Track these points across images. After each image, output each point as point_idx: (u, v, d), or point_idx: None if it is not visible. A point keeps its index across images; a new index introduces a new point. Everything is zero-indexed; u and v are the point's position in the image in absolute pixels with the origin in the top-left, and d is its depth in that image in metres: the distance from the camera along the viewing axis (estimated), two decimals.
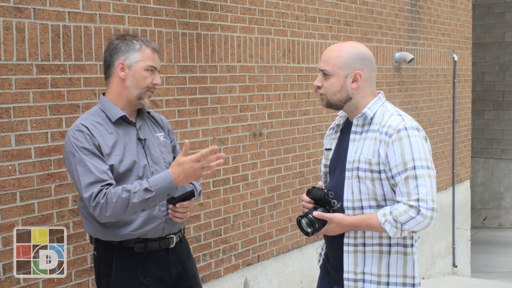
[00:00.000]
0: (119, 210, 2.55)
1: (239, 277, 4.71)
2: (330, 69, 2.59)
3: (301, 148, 5.30)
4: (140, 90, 2.75)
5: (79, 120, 2.73)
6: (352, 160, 2.59)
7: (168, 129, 3.02)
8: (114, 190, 2.55)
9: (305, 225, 2.60)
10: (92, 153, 2.61)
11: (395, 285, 2.60)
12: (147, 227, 2.73)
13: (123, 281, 2.72)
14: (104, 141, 2.66)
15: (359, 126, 2.62)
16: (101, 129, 2.69)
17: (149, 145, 2.82)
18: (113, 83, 2.78)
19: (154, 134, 2.89)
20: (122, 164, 2.68)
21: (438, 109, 7.74)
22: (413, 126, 2.54)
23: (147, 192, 2.54)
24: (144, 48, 2.74)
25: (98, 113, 2.76)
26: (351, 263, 2.62)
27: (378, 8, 6.33)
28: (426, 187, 2.46)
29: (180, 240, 2.91)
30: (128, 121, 2.78)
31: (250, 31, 4.69)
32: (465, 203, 8.64)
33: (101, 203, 2.55)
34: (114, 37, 2.81)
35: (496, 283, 7.82)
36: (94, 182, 2.57)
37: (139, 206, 2.55)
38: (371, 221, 2.53)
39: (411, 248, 2.62)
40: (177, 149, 3.05)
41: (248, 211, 4.76)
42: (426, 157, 2.51)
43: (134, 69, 2.73)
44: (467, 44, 8.51)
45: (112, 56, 2.76)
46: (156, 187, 2.55)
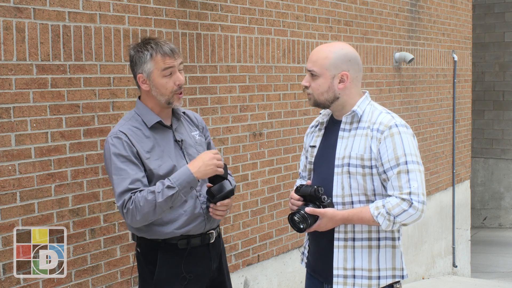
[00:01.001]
0: (148, 212, 2.63)
1: (239, 277, 4.71)
2: (317, 70, 2.66)
3: (301, 148, 5.30)
4: (165, 97, 2.79)
5: (117, 127, 2.79)
6: (341, 157, 2.64)
7: (203, 127, 3.09)
8: (141, 194, 2.63)
9: (298, 221, 2.63)
10: (128, 160, 2.68)
11: (385, 278, 2.66)
12: (190, 225, 2.80)
13: (167, 276, 2.79)
14: (142, 147, 2.73)
15: (348, 123, 2.69)
16: (138, 134, 2.76)
17: (186, 146, 2.88)
18: (143, 93, 2.85)
19: (190, 133, 2.96)
20: (161, 167, 2.74)
21: (438, 109, 7.74)
22: (402, 124, 2.63)
23: (170, 189, 2.62)
24: (154, 55, 2.74)
25: (135, 117, 2.82)
26: (341, 258, 2.65)
27: (378, 8, 6.33)
28: (417, 181, 2.54)
29: (219, 235, 3.00)
30: (164, 125, 2.84)
31: (250, 31, 4.69)
32: (465, 203, 8.64)
33: (130, 209, 2.63)
34: (131, 48, 2.84)
35: (496, 283, 7.82)
36: (125, 190, 2.65)
37: (165, 204, 2.63)
38: (363, 215, 2.58)
39: (398, 241, 2.70)
40: (212, 145, 3.12)
41: (248, 211, 4.76)
42: (416, 153, 2.60)
43: (152, 79, 2.76)
44: (467, 44, 8.51)
45: (134, 70, 2.82)
46: (178, 182, 2.63)
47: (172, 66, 2.77)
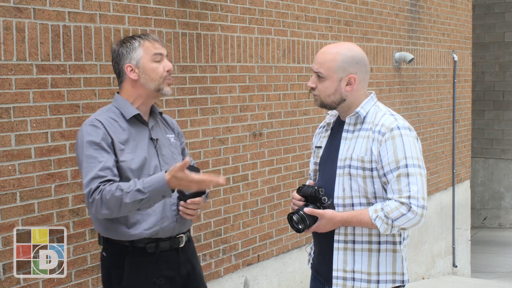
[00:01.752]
0: (113, 208, 2.54)
1: (239, 277, 4.71)
2: (324, 72, 2.62)
3: (301, 148, 5.30)
4: (156, 83, 2.75)
5: (94, 115, 2.74)
6: (343, 158, 2.62)
7: (178, 132, 3.03)
8: (110, 187, 2.53)
9: (296, 222, 2.62)
10: (101, 147, 2.61)
11: (385, 282, 2.62)
12: (158, 226, 2.73)
13: (136, 281, 2.72)
14: (117, 137, 2.68)
15: (351, 124, 2.66)
16: (114, 125, 2.71)
17: (160, 145, 2.83)
18: (127, 86, 2.78)
19: (165, 135, 2.91)
20: (133, 161, 2.69)
21: (438, 109, 7.74)
22: (405, 126, 2.59)
23: (140, 193, 2.52)
24: (142, 42, 2.74)
25: (112, 109, 2.77)
26: (341, 260, 2.64)
27: (378, 8, 6.33)
28: (418, 185, 2.50)
29: (189, 240, 2.93)
30: (141, 120, 2.79)
31: (250, 31, 4.69)
32: (465, 203, 8.64)
33: (96, 200, 2.54)
34: (114, 45, 2.81)
35: (496, 283, 7.82)
36: (93, 178, 2.56)
37: (132, 206, 2.54)
38: (362, 217, 2.55)
39: (400, 245, 2.65)
40: (186, 152, 3.06)
41: (248, 211, 4.76)
42: (418, 156, 2.55)
43: (142, 65, 2.73)
44: (467, 44, 8.51)
45: (118, 64, 2.77)
46: (149, 189, 2.52)
47: (162, 52, 2.76)
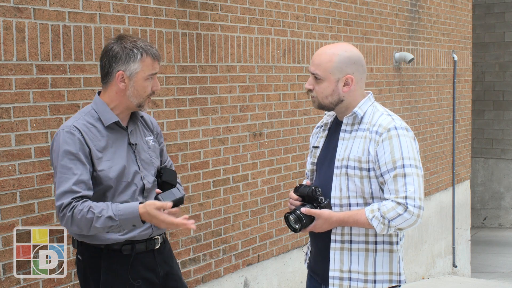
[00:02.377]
0: (83, 227, 2.54)
1: (239, 277, 4.71)
2: (321, 74, 2.63)
3: (301, 148, 5.30)
4: (140, 99, 2.70)
5: (71, 121, 2.67)
6: (341, 158, 2.62)
7: (157, 132, 2.97)
8: (81, 207, 2.52)
9: (293, 221, 2.62)
10: (77, 158, 2.57)
11: (381, 282, 2.62)
12: (134, 232, 2.71)
13: (113, 284, 2.69)
14: (94, 145, 2.63)
15: (349, 125, 2.66)
16: (93, 131, 2.65)
17: (139, 150, 2.78)
18: (111, 90, 2.71)
19: (144, 138, 2.85)
20: (112, 169, 2.64)
21: (438, 109, 7.74)
22: (403, 126, 2.58)
23: (110, 220, 2.52)
24: (144, 57, 2.65)
25: (91, 113, 2.70)
26: (337, 260, 2.64)
27: (378, 8, 6.33)
28: (414, 186, 2.49)
29: (164, 241, 2.90)
30: (120, 126, 2.74)
31: (250, 31, 4.69)
32: (465, 203, 8.64)
33: (67, 216, 2.53)
34: (113, 42, 2.70)
35: (496, 283, 7.82)
36: (66, 191, 2.54)
37: (102, 230, 2.55)
38: (358, 217, 2.55)
39: (396, 245, 2.65)
40: (164, 152, 3.00)
41: (248, 211, 4.76)
42: (415, 157, 2.55)
43: (135, 80, 2.66)
44: (467, 44, 8.51)
45: (111, 64, 2.66)
46: (121, 217, 2.53)
47: (157, 72, 2.73)
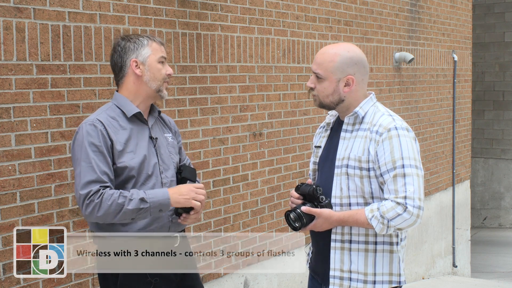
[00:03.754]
0: (111, 213, 2.59)
1: (239, 277, 4.71)
2: (323, 73, 2.64)
3: (301, 148, 5.30)
4: (158, 83, 2.79)
5: (94, 115, 2.74)
6: (341, 158, 2.63)
7: (175, 131, 3.07)
8: (111, 192, 2.59)
9: (293, 220, 2.63)
10: (99, 151, 2.63)
11: (381, 283, 2.62)
12: (153, 225, 2.75)
13: (131, 281, 2.74)
14: (117, 137, 2.69)
15: (350, 124, 2.67)
16: (115, 124, 2.72)
17: (159, 145, 2.85)
18: (128, 82, 2.80)
19: (163, 134, 2.93)
20: (134, 160, 2.71)
21: (438, 109, 7.74)
22: (403, 127, 2.59)
23: (142, 202, 2.61)
24: (151, 42, 2.80)
25: (112, 108, 2.78)
26: (338, 260, 2.64)
27: (378, 8, 6.33)
28: (414, 186, 2.49)
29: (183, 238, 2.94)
30: (142, 119, 2.81)
31: (250, 31, 4.69)
32: (465, 203, 8.64)
33: (95, 202, 2.58)
34: (120, 39, 2.84)
35: (496, 283, 7.82)
36: (94, 181, 2.59)
37: (131, 214, 2.61)
38: (358, 217, 2.56)
39: (397, 246, 2.65)
40: (182, 150, 3.08)
41: (248, 211, 4.76)
42: (415, 157, 2.55)
43: (149, 63, 2.77)
44: (467, 44, 8.51)
45: (122, 57, 2.79)
46: (152, 199, 2.63)
47: (166, 57, 2.84)
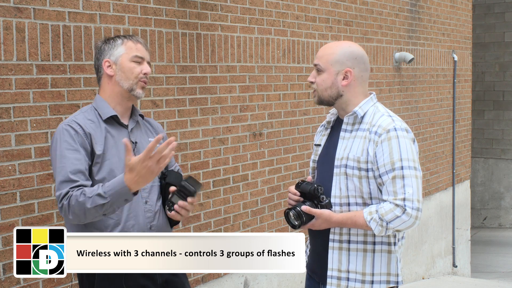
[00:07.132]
0: (79, 214, 2.49)
1: (239, 277, 4.71)
2: (322, 65, 2.65)
3: (301, 148, 5.30)
4: (129, 82, 2.70)
5: (72, 117, 2.69)
6: (340, 157, 2.63)
7: (163, 136, 2.87)
8: (76, 193, 2.49)
9: (293, 218, 2.62)
10: (74, 149, 2.56)
11: (379, 283, 2.63)
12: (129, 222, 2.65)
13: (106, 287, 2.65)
14: (93, 139, 2.63)
15: (349, 124, 2.67)
16: (92, 126, 2.66)
17: (139, 149, 2.74)
18: (104, 83, 2.75)
19: (147, 138, 2.83)
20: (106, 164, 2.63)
21: (438, 109, 7.74)
22: (403, 128, 2.58)
23: (101, 198, 2.45)
24: (126, 41, 2.72)
25: (91, 110, 2.73)
26: (335, 260, 2.64)
27: (378, 8, 6.33)
28: (413, 187, 2.49)
29: None
30: (119, 122, 2.73)
31: (250, 31, 4.69)
32: (465, 203, 8.65)
33: (64, 205, 2.50)
34: (99, 42, 2.80)
35: (496, 283, 7.82)
36: (64, 181, 2.52)
37: (95, 212, 2.48)
38: (356, 219, 2.56)
39: (395, 246, 2.66)
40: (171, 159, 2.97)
41: (248, 211, 4.76)
42: (414, 158, 2.55)
43: (120, 62, 2.69)
44: (467, 44, 8.51)
45: (98, 59, 2.74)
46: (110, 193, 2.45)
47: (143, 56, 2.73)
